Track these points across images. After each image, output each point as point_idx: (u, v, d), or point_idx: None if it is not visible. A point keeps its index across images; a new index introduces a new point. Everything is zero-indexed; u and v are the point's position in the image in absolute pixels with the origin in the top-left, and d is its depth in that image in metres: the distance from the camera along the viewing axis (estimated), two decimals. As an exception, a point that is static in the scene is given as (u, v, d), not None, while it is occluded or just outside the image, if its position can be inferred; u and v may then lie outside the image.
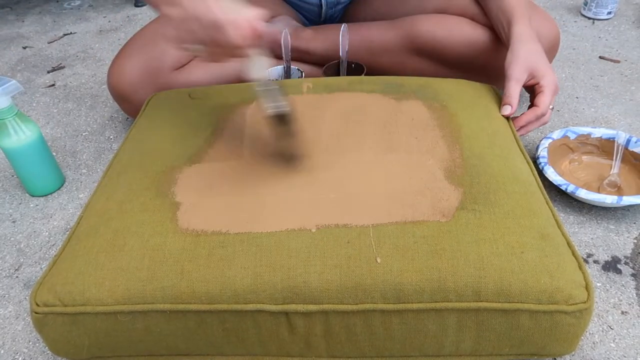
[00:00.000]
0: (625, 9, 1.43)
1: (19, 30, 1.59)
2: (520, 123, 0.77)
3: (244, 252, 0.53)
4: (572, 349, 0.55)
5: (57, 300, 0.53)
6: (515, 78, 0.76)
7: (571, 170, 0.86)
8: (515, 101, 0.75)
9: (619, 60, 1.19)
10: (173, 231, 0.56)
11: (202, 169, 0.65)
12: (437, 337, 0.53)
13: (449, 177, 0.61)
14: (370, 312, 0.51)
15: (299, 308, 0.52)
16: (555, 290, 0.50)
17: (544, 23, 0.91)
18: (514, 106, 0.75)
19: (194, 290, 0.52)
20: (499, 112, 0.76)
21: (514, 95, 0.75)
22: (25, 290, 0.74)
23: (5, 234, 0.85)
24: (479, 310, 0.51)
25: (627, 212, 0.79)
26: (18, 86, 0.80)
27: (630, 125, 0.98)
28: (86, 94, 1.22)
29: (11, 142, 0.83)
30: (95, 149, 1.03)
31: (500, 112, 0.76)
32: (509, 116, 0.76)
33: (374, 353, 0.56)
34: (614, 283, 0.69)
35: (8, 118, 0.82)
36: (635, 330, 0.63)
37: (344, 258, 0.52)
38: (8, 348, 0.66)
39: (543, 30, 0.90)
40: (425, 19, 0.94)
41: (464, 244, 0.52)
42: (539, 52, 0.78)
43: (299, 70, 0.98)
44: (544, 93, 0.76)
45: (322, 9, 1.09)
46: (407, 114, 0.72)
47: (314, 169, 0.63)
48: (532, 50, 0.78)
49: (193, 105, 0.77)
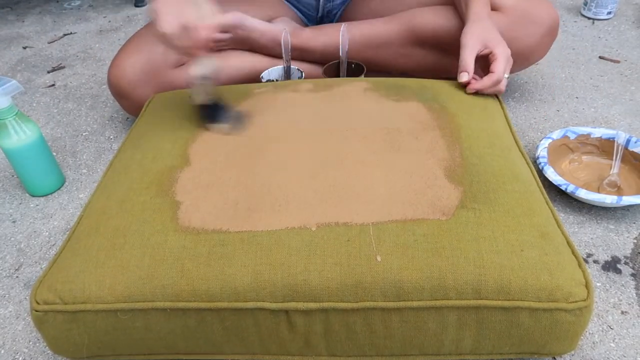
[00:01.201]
0: (625, 9, 1.43)
1: (19, 30, 1.59)
2: (475, 87, 0.79)
3: (244, 250, 0.53)
4: (572, 348, 0.55)
5: (58, 298, 0.53)
6: (470, 46, 0.80)
7: (571, 170, 0.86)
8: (471, 68, 0.79)
9: (619, 60, 1.19)
10: (173, 230, 0.56)
11: (202, 168, 0.65)
12: (437, 335, 0.53)
13: (449, 176, 0.61)
14: (370, 310, 0.51)
15: (299, 306, 0.52)
16: (555, 288, 0.50)
17: (543, 7, 0.93)
18: (470, 72, 0.79)
19: (194, 288, 0.52)
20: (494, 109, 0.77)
21: (469, 63, 0.79)
22: (26, 290, 0.74)
23: (5, 234, 0.85)
24: (479, 308, 0.51)
25: (627, 212, 0.79)
26: (18, 86, 0.80)
27: (630, 125, 0.98)
28: (86, 94, 1.22)
29: (11, 143, 0.83)
30: (95, 149, 1.03)
31: (458, 79, 0.79)
32: (466, 84, 0.79)
33: (373, 351, 0.56)
34: (614, 283, 0.69)
35: (8, 118, 0.82)
36: (635, 330, 0.63)
37: (344, 256, 0.52)
38: (8, 348, 0.66)
39: (542, 15, 0.92)
40: (425, 10, 0.96)
41: (464, 242, 0.53)
42: (492, 28, 0.83)
43: (299, 70, 0.99)
44: (498, 60, 0.79)
45: (320, 3, 1.09)
46: (407, 114, 0.72)
47: (314, 168, 0.63)
48: (486, 26, 0.83)
49: (191, 108, 0.77)
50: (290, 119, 0.73)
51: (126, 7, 1.69)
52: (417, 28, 0.96)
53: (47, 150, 0.89)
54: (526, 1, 0.92)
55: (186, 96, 0.81)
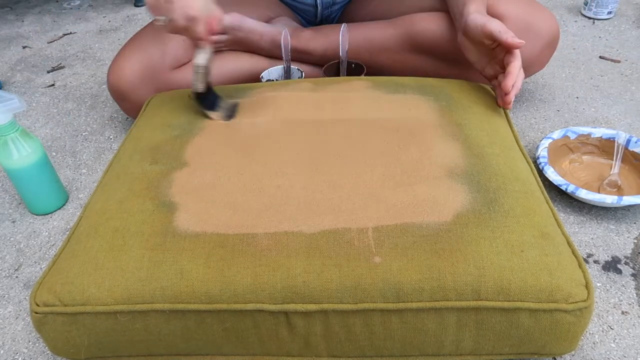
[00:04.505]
0: (626, 8, 1.43)
1: (18, 30, 1.59)
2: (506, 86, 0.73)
3: (243, 252, 0.53)
4: (572, 348, 0.55)
5: (57, 300, 0.53)
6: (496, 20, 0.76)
7: (571, 170, 0.86)
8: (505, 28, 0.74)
9: (619, 60, 1.19)
10: (172, 231, 0.56)
11: (201, 169, 0.65)
12: (436, 336, 0.53)
13: (449, 176, 0.61)
14: (369, 311, 0.51)
15: (298, 308, 0.51)
16: (555, 288, 0.50)
17: (544, 18, 0.91)
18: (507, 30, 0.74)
19: (194, 290, 0.52)
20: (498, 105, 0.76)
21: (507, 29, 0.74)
22: (25, 290, 0.74)
23: (5, 234, 0.85)
24: (479, 309, 0.51)
25: (627, 212, 0.79)
26: (20, 105, 0.75)
27: (630, 125, 0.98)
28: (86, 94, 1.22)
29: (12, 161, 0.79)
30: (95, 149, 1.03)
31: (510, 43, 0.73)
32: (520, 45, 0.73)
33: (373, 352, 0.56)
34: (614, 283, 0.69)
35: (9, 135, 0.77)
36: (635, 330, 0.63)
37: (344, 257, 0.52)
38: (8, 348, 0.66)
39: (542, 26, 0.90)
40: (424, 16, 0.94)
41: (464, 243, 0.52)
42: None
43: (299, 70, 0.98)
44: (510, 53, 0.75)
45: (318, 10, 1.09)
46: (407, 114, 0.72)
47: (313, 169, 0.63)
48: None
49: (193, 106, 0.77)
50: (290, 118, 0.73)
51: (126, 7, 1.69)
52: (415, 34, 0.94)
53: (50, 169, 0.85)
54: (528, 10, 0.90)
55: (185, 96, 0.81)
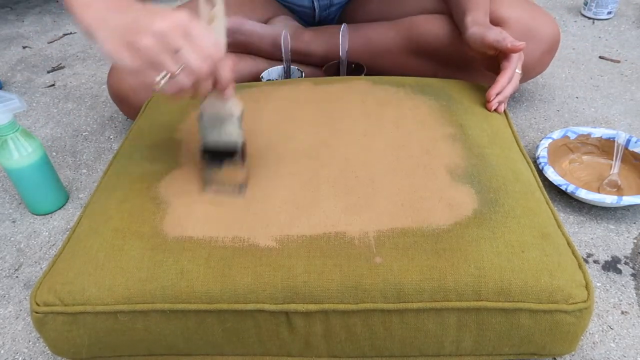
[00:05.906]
0: (625, 9, 1.43)
1: (18, 30, 1.59)
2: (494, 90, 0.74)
3: (243, 252, 0.53)
4: (572, 349, 0.55)
5: (57, 299, 0.53)
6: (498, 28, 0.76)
7: (571, 170, 0.86)
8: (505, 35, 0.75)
9: (619, 60, 1.19)
10: (173, 231, 0.56)
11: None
12: (437, 337, 0.53)
13: (449, 176, 0.61)
14: (370, 311, 0.51)
15: (299, 308, 0.51)
16: (556, 289, 0.50)
17: (545, 23, 0.91)
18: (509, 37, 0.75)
19: (194, 289, 0.52)
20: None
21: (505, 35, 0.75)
22: (25, 290, 0.74)
23: (5, 234, 0.85)
24: (479, 309, 0.51)
25: (627, 212, 0.79)
26: (21, 105, 0.75)
27: (630, 125, 0.98)
28: (86, 94, 1.22)
29: (12, 161, 0.79)
30: (95, 149, 1.03)
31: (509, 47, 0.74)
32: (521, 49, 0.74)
33: (374, 353, 0.56)
34: (614, 283, 0.69)
35: (9, 135, 0.77)
36: (635, 330, 0.63)
37: (344, 258, 0.52)
38: (8, 348, 0.66)
39: (544, 31, 0.90)
40: (425, 19, 0.94)
41: (464, 243, 0.52)
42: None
43: (299, 70, 0.98)
44: (509, 55, 0.75)
45: (315, 12, 1.09)
46: (407, 113, 0.72)
47: (313, 169, 0.63)
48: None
49: (192, 107, 0.77)
50: (289, 118, 0.73)
51: (126, 6, 1.69)
52: (416, 37, 0.94)
53: (50, 169, 0.85)
54: (530, 14, 0.90)
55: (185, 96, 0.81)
